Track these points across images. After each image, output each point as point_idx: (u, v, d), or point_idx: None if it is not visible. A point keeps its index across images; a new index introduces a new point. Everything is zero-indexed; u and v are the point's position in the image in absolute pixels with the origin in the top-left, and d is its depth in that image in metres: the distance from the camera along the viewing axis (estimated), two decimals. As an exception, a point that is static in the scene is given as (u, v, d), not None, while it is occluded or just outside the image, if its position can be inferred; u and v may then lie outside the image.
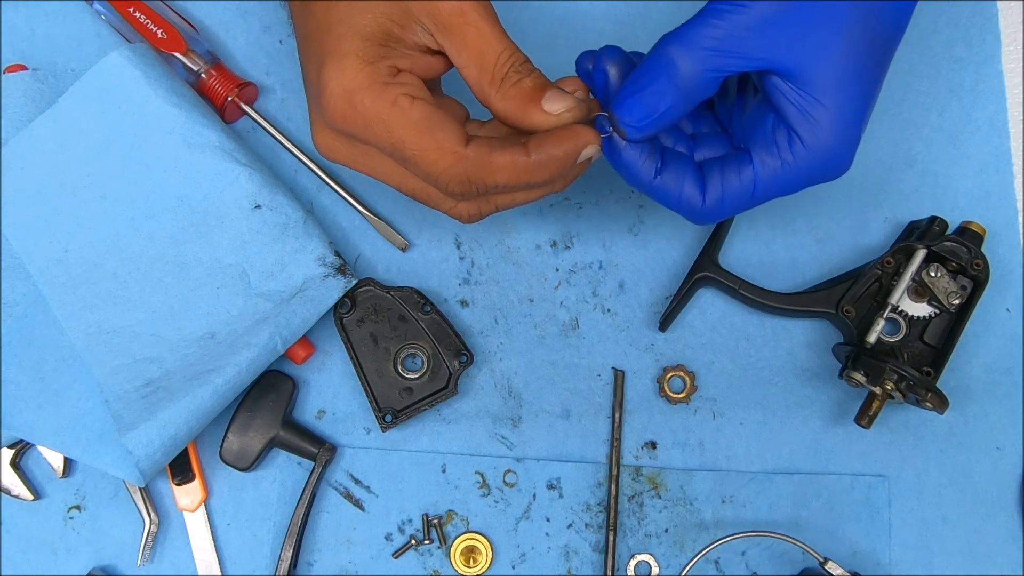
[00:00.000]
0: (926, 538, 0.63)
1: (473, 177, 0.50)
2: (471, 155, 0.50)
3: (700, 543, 0.63)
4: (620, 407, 0.64)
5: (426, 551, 0.63)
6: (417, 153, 0.50)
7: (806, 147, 0.50)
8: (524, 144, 0.50)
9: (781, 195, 0.52)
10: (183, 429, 0.58)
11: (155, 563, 0.63)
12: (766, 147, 0.51)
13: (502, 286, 0.66)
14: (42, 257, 0.62)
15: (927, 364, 0.61)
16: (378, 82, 0.49)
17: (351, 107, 0.50)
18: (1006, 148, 0.67)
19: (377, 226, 0.65)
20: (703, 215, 0.53)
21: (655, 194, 0.52)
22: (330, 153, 0.54)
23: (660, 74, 0.49)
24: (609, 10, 0.69)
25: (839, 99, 0.49)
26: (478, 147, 0.50)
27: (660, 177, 0.51)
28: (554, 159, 0.50)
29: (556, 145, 0.50)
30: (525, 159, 0.50)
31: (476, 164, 0.50)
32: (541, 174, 0.50)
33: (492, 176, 0.50)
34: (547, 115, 0.50)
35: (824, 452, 0.64)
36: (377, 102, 0.49)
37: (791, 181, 0.51)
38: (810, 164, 0.50)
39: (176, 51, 0.65)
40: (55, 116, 0.62)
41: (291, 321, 0.60)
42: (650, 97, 0.49)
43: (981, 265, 0.61)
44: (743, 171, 0.51)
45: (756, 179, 0.51)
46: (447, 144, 0.49)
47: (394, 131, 0.50)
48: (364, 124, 0.50)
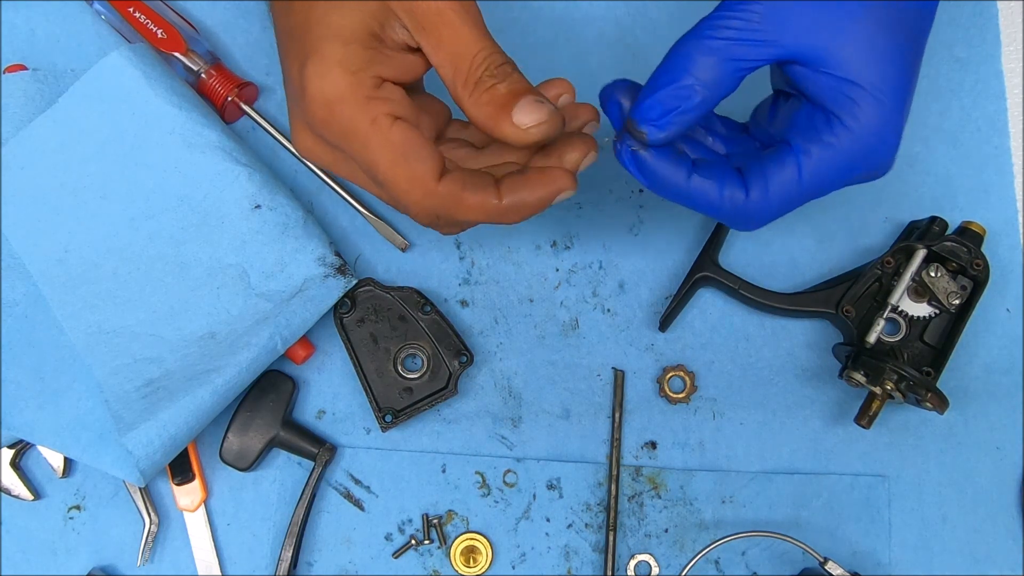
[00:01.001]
0: (926, 538, 0.63)
1: (442, 213, 0.49)
2: (442, 192, 0.48)
3: (700, 543, 0.63)
4: (620, 407, 0.64)
5: (426, 551, 0.63)
6: (389, 180, 0.49)
7: (848, 128, 0.48)
8: (497, 187, 0.49)
9: (829, 187, 0.50)
10: (183, 429, 0.58)
11: (155, 563, 0.63)
12: (806, 133, 0.49)
13: (502, 286, 0.66)
14: (42, 257, 0.62)
15: (927, 364, 0.61)
16: (360, 95, 0.48)
17: (330, 116, 0.48)
18: (1006, 148, 0.67)
19: (377, 226, 0.65)
20: (749, 214, 0.50)
21: (693, 198, 0.50)
22: (309, 154, 0.52)
23: (678, 70, 0.47)
24: (609, 10, 0.69)
25: (875, 78, 0.47)
26: (451, 184, 0.48)
27: (695, 177, 0.49)
28: (526, 205, 0.49)
29: (530, 192, 0.49)
30: (496, 203, 0.49)
31: (446, 201, 0.49)
32: (512, 217, 0.49)
33: (462, 214, 0.49)
34: (516, 129, 0.48)
35: (824, 452, 0.64)
36: (356, 117, 0.48)
37: (838, 167, 0.49)
38: (854, 148, 0.48)
39: (176, 51, 0.65)
40: (55, 116, 0.62)
41: (291, 321, 0.60)
42: (669, 94, 0.48)
43: (981, 265, 0.61)
44: (786, 161, 0.49)
45: (800, 167, 0.49)
46: (419, 177, 0.48)
47: (369, 151, 0.48)
48: (342, 135, 0.49)
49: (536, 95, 0.49)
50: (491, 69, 0.49)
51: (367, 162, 0.49)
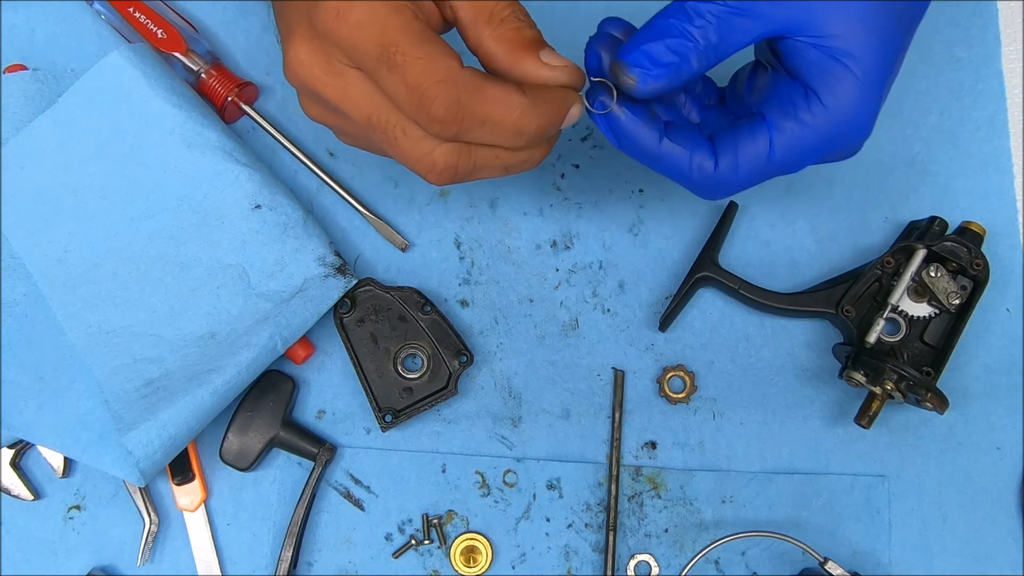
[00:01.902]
0: (926, 538, 0.63)
1: (464, 101, 0.46)
2: (467, 75, 0.46)
3: (700, 543, 0.63)
4: (620, 407, 0.64)
5: (426, 551, 0.63)
6: (408, 60, 0.45)
7: (825, 106, 0.48)
8: (519, 84, 0.47)
9: (799, 164, 0.50)
10: (183, 429, 0.58)
11: (155, 563, 0.63)
12: (782, 108, 0.49)
13: (502, 286, 0.66)
14: (42, 257, 0.62)
15: (927, 364, 0.61)
16: (389, 5, 0.46)
17: (349, 5, 0.46)
18: (1006, 148, 0.67)
19: (377, 226, 0.65)
20: (717, 184, 0.50)
21: (662, 162, 0.50)
22: (300, 68, 0.48)
23: (681, 23, 0.47)
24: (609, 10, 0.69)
25: (861, 58, 0.47)
26: (473, 72, 0.46)
27: (666, 141, 0.49)
28: (547, 105, 0.47)
29: (550, 92, 0.48)
30: (519, 97, 0.46)
31: (469, 86, 0.46)
32: (532, 119, 0.47)
33: (484, 106, 0.46)
34: (541, 65, 0.47)
35: (824, 452, 0.64)
36: (379, 4, 0.46)
37: (809, 145, 0.49)
38: (828, 127, 0.48)
39: (176, 51, 0.65)
40: (55, 116, 0.62)
41: (291, 321, 0.60)
42: (669, 45, 0.47)
43: (981, 265, 0.61)
44: (758, 134, 0.49)
45: (772, 142, 0.49)
46: (444, 57, 0.45)
47: (389, 32, 0.45)
48: (358, 22, 0.46)
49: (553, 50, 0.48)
50: (518, 14, 0.48)
51: (385, 44, 0.45)
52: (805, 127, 0.48)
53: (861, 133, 0.49)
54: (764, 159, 0.49)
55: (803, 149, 0.49)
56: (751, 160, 0.49)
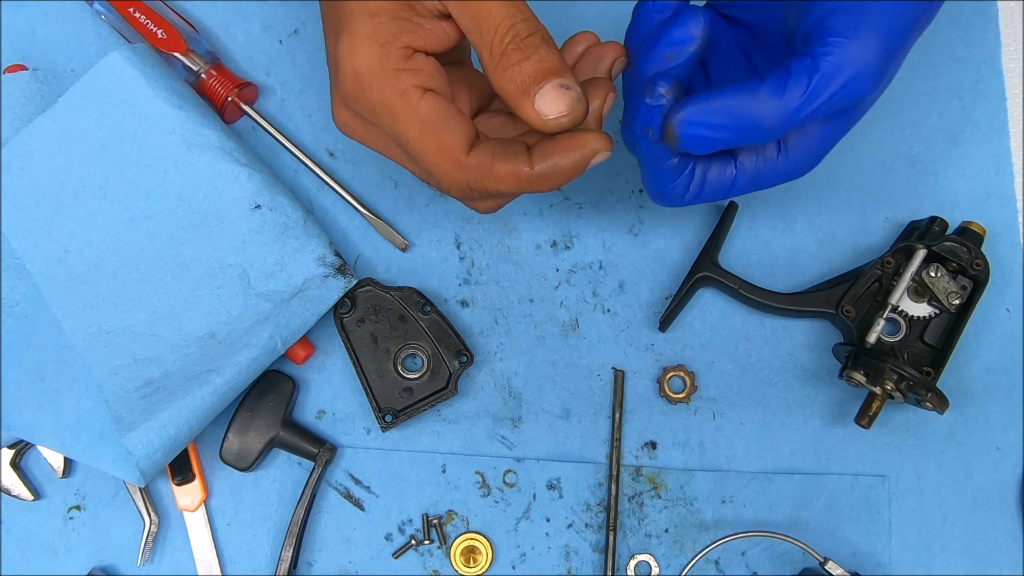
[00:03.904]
0: (926, 538, 0.63)
1: (474, 184, 0.48)
2: (472, 163, 0.48)
3: (700, 543, 0.63)
4: (620, 407, 0.64)
5: (426, 551, 0.63)
6: (419, 152, 0.48)
7: (789, 158, 0.51)
8: (528, 153, 0.47)
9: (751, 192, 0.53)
10: (183, 429, 0.58)
11: (155, 563, 0.63)
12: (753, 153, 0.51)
13: (502, 286, 0.66)
14: (42, 257, 0.62)
15: (927, 364, 0.61)
16: (389, 68, 0.47)
17: (360, 90, 0.48)
18: (1006, 148, 0.67)
19: (377, 226, 0.65)
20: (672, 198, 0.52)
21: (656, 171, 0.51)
22: (345, 129, 0.52)
23: (742, 118, 0.47)
24: (609, 9, 0.69)
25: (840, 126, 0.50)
26: (480, 154, 0.48)
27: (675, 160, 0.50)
28: (559, 171, 0.47)
29: (563, 155, 0.47)
30: (528, 171, 0.47)
31: (477, 172, 0.48)
32: (546, 184, 0.48)
33: (493, 185, 0.48)
34: (537, 115, 0.46)
35: (824, 452, 0.64)
36: (386, 90, 0.47)
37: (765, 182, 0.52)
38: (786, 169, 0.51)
39: (176, 51, 0.65)
40: (55, 116, 0.62)
41: (291, 321, 0.60)
42: (722, 130, 0.47)
43: (981, 265, 0.61)
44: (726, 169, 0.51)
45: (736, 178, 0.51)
46: (448, 149, 0.47)
47: (399, 124, 0.48)
48: (371, 109, 0.48)
49: (562, 77, 0.46)
50: (517, 41, 0.46)
51: (397, 135, 0.48)
52: (767, 165, 0.51)
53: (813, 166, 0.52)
54: (725, 189, 0.52)
55: (759, 183, 0.52)
56: (713, 189, 0.51)
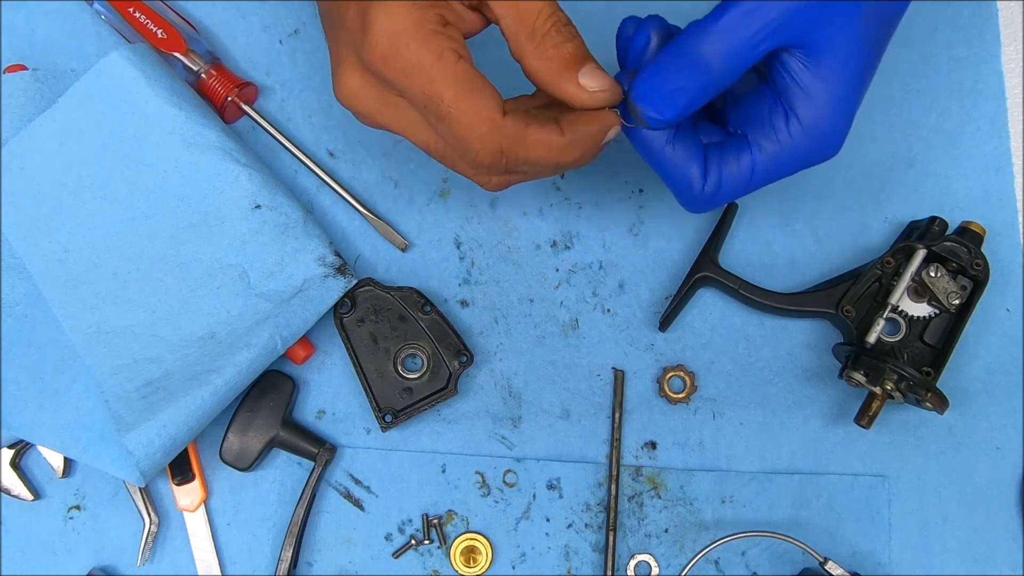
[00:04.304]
0: (926, 538, 0.63)
1: (507, 149, 0.49)
2: (508, 126, 0.48)
3: (700, 543, 0.63)
4: (620, 407, 0.64)
5: (426, 551, 0.63)
6: (454, 113, 0.48)
7: (803, 126, 0.50)
8: (558, 122, 0.50)
9: (775, 178, 0.52)
10: (183, 429, 0.58)
11: (155, 563, 0.63)
12: (764, 131, 0.51)
13: (502, 286, 0.66)
14: (42, 257, 0.62)
15: (927, 364, 0.61)
16: (427, 29, 0.47)
17: (395, 50, 0.47)
18: (1006, 148, 0.67)
19: (377, 226, 0.65)
20: (699, 199, 0.52)
21: (662, 165, 0.52)
22: (353, 99, 0.52)
23: (685, 65, 0.49)
24: (609, 9, 0.69)
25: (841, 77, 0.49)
26: (515, 119, 0.48)
27: (671, 147, 0.51)
28: (586, 138, 0.50)
29: (587, 124, 0.50)
30: (559, 138, 0.49)
31: (511, 136, 0.48)
32: (572, 153, 0.50)
33: (525, 151, 0.49)
34: (580, 90, 0.49)
35: (824, 452, 0.64)
36: (423, 50, 0.47)
37: (787, 163, 0.52)
38: (805, 142, 0.51)
39: (176, 51, 0.65)
40: (55, 116, 0.62)
41: (291, 321, 0.60)
42: (674, 87, 0.49)
43: (981, 265, 0.61)
44: (741, 156, 0.51)
45: (754, 164, 0.51)
46: (485, 111, 0.48)
47: (434, 84, 0.47)
48: (404, 70, 0.48)
49: (598, 64, 0.50)
50: (558, 26, 0.49)
51: (430, 95, 0.48)
52: (783, 145, 0.51)
53: (835, 142, 0.51)
54: (745, 179, 0.52)
55: (781, 165, 0.52)
56: (733, 180, 0.52)
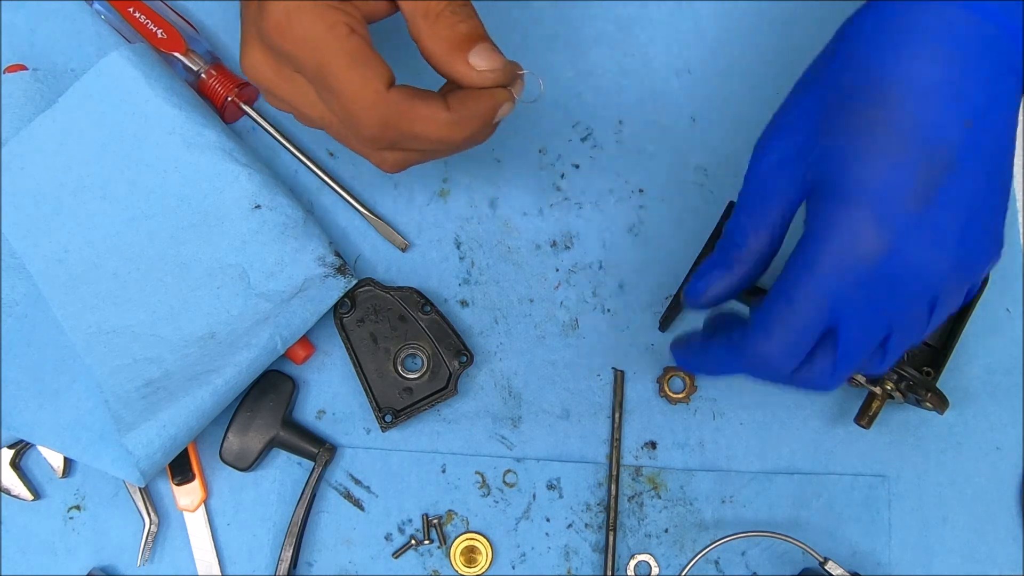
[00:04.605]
0: (926, 538, 0.63)
1: (391, 122, 0.50)
2: (393, 98, 0.49)
3: (700, 543, 0.63)
4: (620, 407, 0.64)
5: (426, 551, 0.63)
6: (341, 83, 0.49)
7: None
8: (445, 99, 0.50)
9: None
10: (183, 429, 0.58)
11: (155, 563, 0.63)
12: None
13: (502, 286, 0.66)
14: (42, 257, 0.62)
15: (927, 364, 0.61)
16: (321, 3, 0.48)
17: (288, 22, 0.48)
18: (1006, 148, 0.67)
19: (377, 226, 0.65)
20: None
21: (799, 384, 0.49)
22: (254, 72, 0.53)
23: (725, 255, 0.50)
24: (609, 9, 0.69)
25: None
26: (401, 92, 0.49)
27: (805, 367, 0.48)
28: (473, 116, 0.50)
29: (475, 102, 0.50)
30: (445, 114, 0.50)
31: (396, 109, 0.49)
32: (460, 131, 0.50)
33: (410, 125, 0.50)
34: (469, 68, 0.50)
35: (824, 452, 0.64)
36: (316, 22, 0.48)
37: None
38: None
39: (176, 51, 0.65)
40: (55, 116, 0.62)
41: (291, 321, 0.60)
42: (714, 275, 0.50)
43: (981, 265, 0.61)
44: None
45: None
46: (372, 81, 0.49)
47: (323, 54, 0.48)
48: (295, 41, 0.49)
49: (493, 44, 0.50)
50: (453, 6, 0.50)
51: (320, 65, 0.49)
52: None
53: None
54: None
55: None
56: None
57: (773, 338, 0.46)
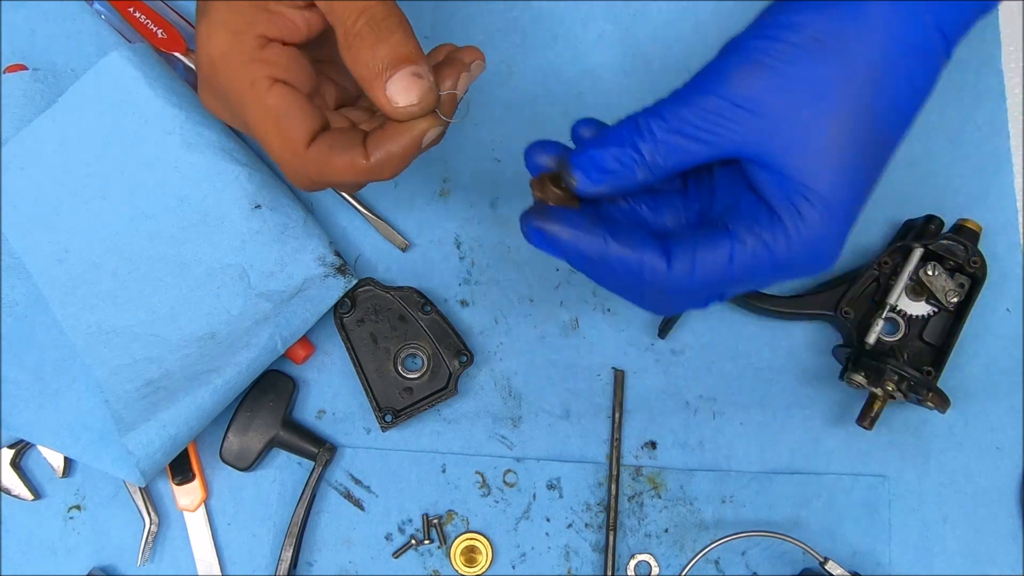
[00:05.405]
0: (926, 538, 0.63)
1: (314, 177, 0.49)
2: (311, 156, 0.48)
3: (700, 543, 0.63)
4: (620, 407, 0.64)
5: (426, 551, 0.63)
6: (262, 139, 0.49)
7: (788, 234, 0.45)
8: (363, 144, 0.48)
9: (760, 282, 0.47)
10: (183, 429, 0.58)
11: (155, 563, 0.63)
12: (746, 223, 0.46)
13: (502, 286, 0.66)
14: (42, 257, 0.62)
15: (927, 363, 0.61)
16: (241, 58, 0.48)
17: (214, 76, 0.49)
18: (1006, 148, 0.67)
19: (377, 226, 0.65)
20: (669, 288, 0.46)
21: (612, 268, 0.46)
22: (208, 107, 0.54)
23: (627, 141, 0.46)
24: (609, 9, 0.69)
25: (826, 195, 0.44)
26: (319, 147, 0.48)
27: (613, 244, 0.45)
28: (394, 157, 0.48)
29: (394, 143, 0.48)
30: (364, 163, 0.48)
31: (316, 165, 0.49)
32: (384, 173, 0.49)
33: (332, 176, 0.49)
34: (388, 102, 0.46)
35: (824, 452, 0.64)
36: (236, 79, 0.48)
37: (769, 268, 0.46)
38: (790, 253, 0.45)
39: (176, 51, 0.65)
40: (55, 116, 0.62)
41: (291, 321, 0.60)
42: (611, 154, 0.46)
43: (978, 262, 0.61)
44: (719, 243, 0.45)
45: (733, 254, 0.45)
46: (290, 141, 0.48)
47: (245, 110, 0.49)
48: (223, 93, 0.50)
49: (415, 64, 0.46)
50: (372, 23, 0.46)
51: (245, 122, 0.50)
52: (767, 249, 0.45)
53: (825, 263, 0.46)
54: (722, 268, 0.46)
55: (763, 271, 0.46)
56: (709, 266, 0.46)
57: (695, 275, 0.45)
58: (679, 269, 0.46)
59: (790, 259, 0.46)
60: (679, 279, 0.46)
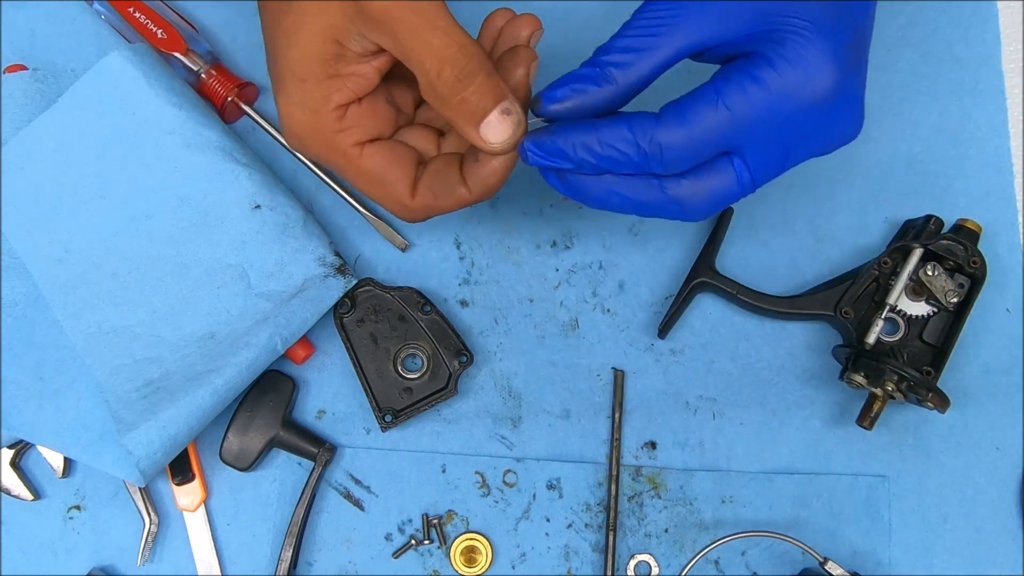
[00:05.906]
0: (926, 538, 0.63)
1: (421, 217, 0.54)
2: (418, 206, 0.53)
3: (700, 543, 0.63)
4: (620, 407, 0.64)
5: (426, 551, 0.63)
6: (370, 197, 0.54)
7: (772, 65, 0.45)
8: (461, 175, 0.52)
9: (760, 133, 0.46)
10: (183, 429, 0.58)
11: (155, 563, 0.63)
12: (731, 69, 0.47)
13: (502, 286, 0.66)
14: (42, 257, 0.62)
15: (927, 363, 0.61)
16: (325, 133, 0.51)
17: (304, 147, 0.53)
18: (1006, 148, 0.67)
19: (377, 226, 0.65)
20: (666, 151, 0.46)
21: (604, 155, 0.47)
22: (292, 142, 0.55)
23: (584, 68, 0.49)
24: (609, 9, 0.69)
25: (802, 17, 0.46)
26: (424, 198, 0.53)
27: (602, 124, 0.47)
28: (492, 186, 0.52)
29: (493, 173, 0.51)
30: (467, 196, 0.52)
31: (425, 211, 0.53)
32: (485, 196, 0.52)
33: (440, 211, 0.53)
34: (483, 142, 0.49)
35: (824, 452, 0.64)
36: (325, 151, 0.52)
37: (765, 106, 0.46)
38: (785, 85, 0.45)
39: (176, 51, 0.65)
40: (55, 116, 0.62)
41: (291, 321, 0.60)
42: (573, 78, 0.48)
43: (978, 262, 0.61)
44: (703, 90, 0.47)
45: (719, 91, 0.46)
46: (394, 196, 0.53)
47: (346, 175, 0.53)
48: (318, 160, 0.54)
49: (503, 100, 0.48)
50: (457, 74, 0.47)
51: (348, 180, 0.54)
52: (755, 82, 0.45)
53: (834, 105, 0.46)
54: (711, 111, 0.46)
55: (760, 110, 0.46)
56: (699, 113, 0.46)
57: (686, 126, 0.46)
58: (668, 119, 0.46)
59: (784, 90, 0.45)
60: (671, 133, 0.46)
